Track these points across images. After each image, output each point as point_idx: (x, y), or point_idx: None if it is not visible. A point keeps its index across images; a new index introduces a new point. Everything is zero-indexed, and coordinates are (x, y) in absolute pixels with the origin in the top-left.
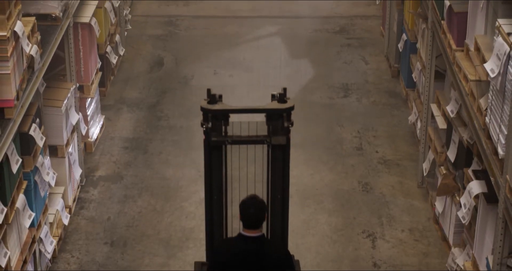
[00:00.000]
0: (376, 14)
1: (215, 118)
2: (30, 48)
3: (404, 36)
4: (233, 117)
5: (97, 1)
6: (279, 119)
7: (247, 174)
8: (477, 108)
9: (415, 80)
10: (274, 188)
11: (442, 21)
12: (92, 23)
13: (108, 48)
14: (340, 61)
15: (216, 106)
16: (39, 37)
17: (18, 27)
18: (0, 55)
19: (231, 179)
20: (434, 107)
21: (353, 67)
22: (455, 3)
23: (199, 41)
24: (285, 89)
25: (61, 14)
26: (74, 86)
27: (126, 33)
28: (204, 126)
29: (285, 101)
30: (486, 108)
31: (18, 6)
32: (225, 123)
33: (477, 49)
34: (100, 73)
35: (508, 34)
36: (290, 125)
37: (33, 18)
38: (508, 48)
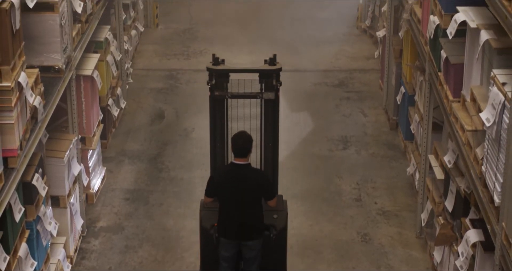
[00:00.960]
0: (374, 67)
1: (218, 77)
2: (34, 99)
3: (402, 89)
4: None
5: (99, 54)
6: (269, 78)
7: (243, 124)
8: (473, 158)
9: (413, 132)
10: (266, 136)
11: (439, 73)
12: (94, 75)
13: (110, 101)
14: (339, 114)
15: (219, 67)
16: (42, 89)
17: (22, 78)
18: (4, 105)
19: (231, 129)
20: (432, 158)
21: (352, 120)
22: (452, 55)
23: (200, 94)
24: (275, 55)
25: (64, 66)
26: (76, 138)
27: (127, 86)
28: (209, 84)
29: (274, 65)
30: (482, 158)
31: (22, 57)
32: (226, 81)
33: (473, 99)
34: (101, 126)
35: (503, 84)
36: (278, 84)
37: (36, 70)
38: (503, 98)
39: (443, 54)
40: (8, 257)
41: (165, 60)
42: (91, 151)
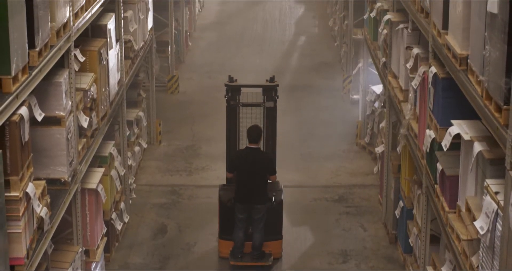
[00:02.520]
0: (374, 183)
1: (232, 91)
2: (41, 210)
3: (401, 203)
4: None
5: (103, 169)
6: (270, 92)
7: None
8: (469, 267)
9: (412, 245)
10: (267, 134)
11: (435, 185)
12: (99, 189)
13: (113, 215)
14: (339, 228)
15: (233, 84)
16: (48, 200)
17: (30, 188)
18: (12, 214)
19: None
20: (430, 270)
21: (352, 234)
22: (447, 167)
23: (202, 209)
24: (273, 76)
25: (69, 179)
26: (80, 250)
27: (130, 201)
28: (226, 96)
29: (273, 82)
30: (478, 266)
31: (30, 169)
32: (238, 94)
33: (468, 209)
34: (105, 239)
35: (496, 193)
36: (276, 96)
37: (43, 182)
38: (495, 206)
39: (439, 166)
40: None
41: (168, 176)
42: (95, 263)
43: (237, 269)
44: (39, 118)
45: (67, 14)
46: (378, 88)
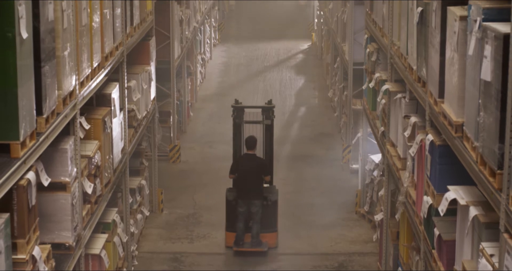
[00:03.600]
0: (373, 251)
1: (238, 111)
2: None
3: (399, 270)
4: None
5: (107, 235)
6: (268, 112)
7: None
8: None
9: None
10: (265, 147)
11: (433, 251)
12: (102, 255)
13: None
14: None
15: (238, 105)
16: (53, 264)
17: (36, 251)
18: None
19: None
20: None
21: None
22: (444, 232)
23: None
24: (271, 99)
25: (74, 244)
26: None
27: (132, 268)
28: (232, 115)
29: (271, 104)
30: None
31: (37, 232)
32: (242, 113)
33: None
34: None
35: (491, 255)
36: (273, 116)
37: (48, 246)
38: (491, 268)
39: (436, 231)
40: None
41: (170, 244)
42: None
43: (239, 254)
44: (46, 184)
45: (73, 83)
46: (377, 158)
